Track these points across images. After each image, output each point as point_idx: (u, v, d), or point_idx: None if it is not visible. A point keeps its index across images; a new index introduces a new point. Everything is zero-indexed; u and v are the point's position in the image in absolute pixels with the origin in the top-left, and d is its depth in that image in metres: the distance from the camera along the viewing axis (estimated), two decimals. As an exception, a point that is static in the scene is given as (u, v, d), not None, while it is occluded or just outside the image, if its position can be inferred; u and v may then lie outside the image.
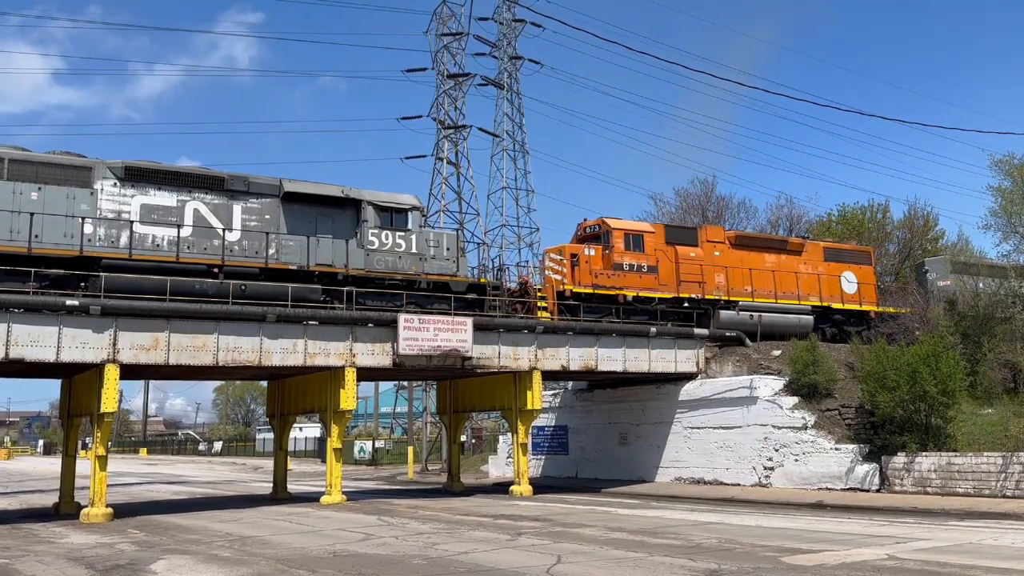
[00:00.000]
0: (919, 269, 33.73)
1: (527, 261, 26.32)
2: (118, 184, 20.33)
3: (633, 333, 25.40)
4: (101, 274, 19.23)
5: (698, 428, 25.47)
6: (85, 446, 48.34)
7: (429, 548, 12.92)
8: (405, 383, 44.07)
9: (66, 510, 20.92)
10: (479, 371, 23.74)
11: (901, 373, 20.60)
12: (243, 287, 20.57)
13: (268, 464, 38.51)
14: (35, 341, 18.11)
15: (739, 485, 23.58)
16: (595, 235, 27.01)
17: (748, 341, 27.19)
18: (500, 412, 28.03)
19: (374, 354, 21.85)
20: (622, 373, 25.65)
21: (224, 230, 21.00)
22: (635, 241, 26.76)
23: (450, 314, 22.75)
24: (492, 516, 18.08)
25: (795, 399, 23.44)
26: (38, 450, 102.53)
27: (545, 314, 24.58)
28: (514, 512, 18.94)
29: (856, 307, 30.25)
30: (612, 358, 25.05)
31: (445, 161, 48.01)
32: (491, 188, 50.57)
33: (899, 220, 45.77)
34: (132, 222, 20.07)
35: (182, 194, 20.93)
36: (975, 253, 33.29)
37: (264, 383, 33.95)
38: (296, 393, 25.24)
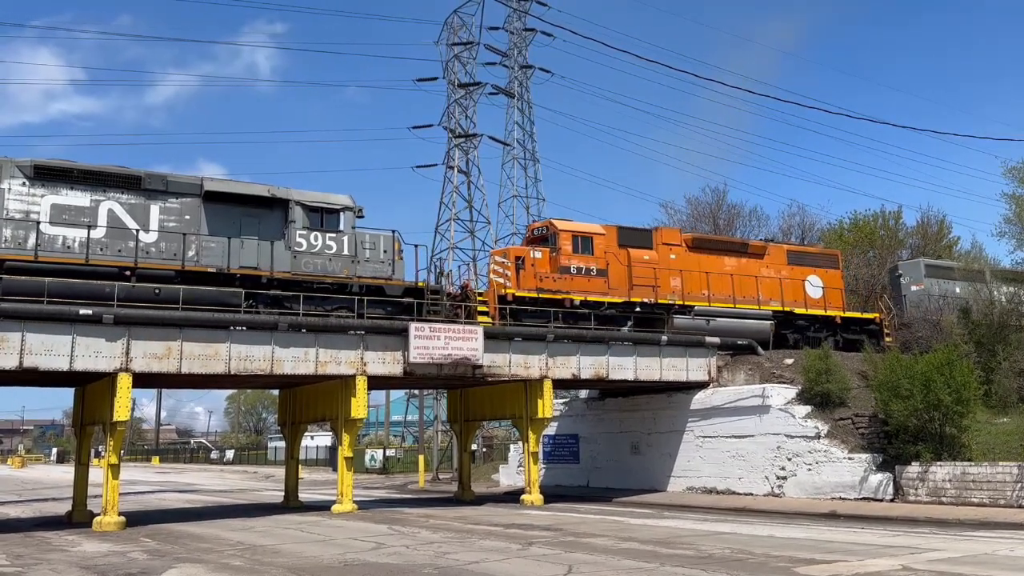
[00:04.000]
0: (892, 273, 33.07)
1: (468, 262, 25.39)
2: (27, 183, 19.48)
3: (644, 341, 25.31)
4: (2, 276, 18.40)
5: (710, 437, 25.34)
6: (98, 454, 48.57)
7: (440, 557, 12.89)
8: (416, 391, 44.07)
9: (79, 518, 20.99)
10: (490, 379, 23.70)
11: (915, 382, 20.45)
12: (156, 291, 19.69)
13: (279, 472, 38.56)
14: (49, 350, 18.22)
15: (751, 495, 23.43)
16: (543, 237, 26.25)
17: (760, 350, 27.03)
18: (511, 421, 27.89)
19: (385, 362, 21.86)
20: (633, 382, 25.53)
21: (139, 231, 20.16)
22: (583, 243, 25.94)
23: (460, 322, 22.76)
24: (503, 525, 18.04)
25: (808, 408, 23.29)
26: (51, 458, 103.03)
27: (485, 318, 23.76)
28: (525, 521, 18.88)
29: (820, 312, 29.26)
30: (623, 366, 24.97)
31: (456, 170, 48.15)
32: (502, 196, 50.75)
33: (912, 227, 45.57)
34: (39, 223, 19.23)
35: (96, 194, 20.06)
36: (946, 257, 33.01)
37: (275, 392, 34.00)
38: (307, 402, 25.28)
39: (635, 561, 12.16)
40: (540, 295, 24.70)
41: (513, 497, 25.89)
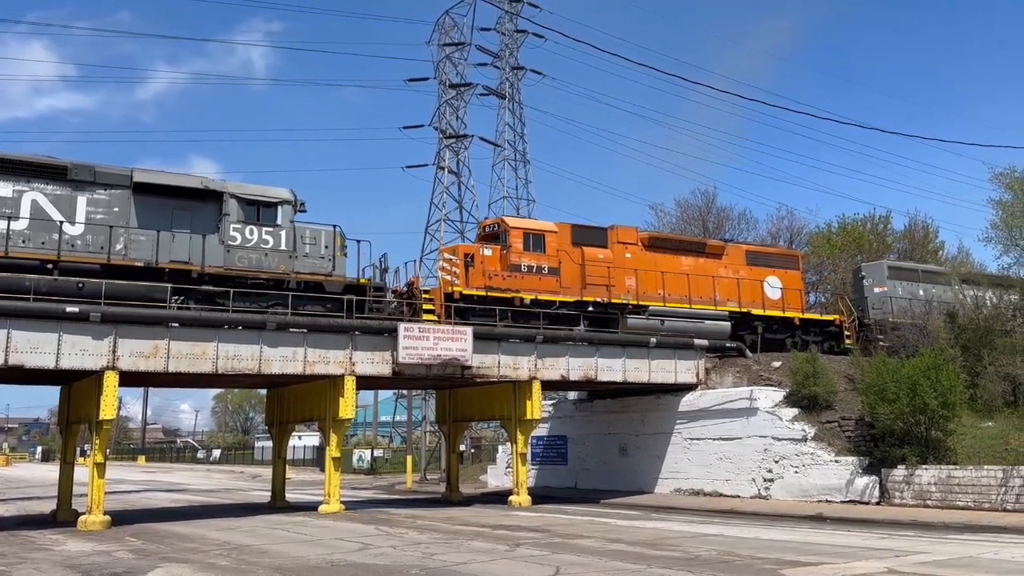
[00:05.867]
0: (856, 274, 32.86)
1: (415, 260, 24.55)
2: None
3: (633, 343, 25.35)
4: None
5: (698, 439, 25.41)
6: (83, 453, 48.23)
7: (427, 558, 12.87)
8: (404, 392, 44.02)
9: (63, 517, 20.85)
10: (479, 380, 23.69)
11: (901, 385, 20.56)
12: (80, 285, 19.03)
13: (266, 472, 38.42)
14: (35, 348, 18.08)
15: (739, 497, 23.51)
16: (494, 235, 25.83)
17: (748, 352, 27.11)
18: (499, 422, 27.90)
19: (373, 362, 21.82)
20: (622, 383, 25.57)
21: (64, 223, 19.43)
22: (535, 241, 25.51)
23: (449, 322, 22.73)
24: (491, 526, 18.02)
25: (795, 411, 23.39)
26: (36, 457, 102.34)
27: (431, 316, 23.31)
28: (513, 522, 18.87)
29: (779, 313, 28.99)
30: (612, 368, 25.00)
31: (446, 170, 48.12)
32: (492, 198, 50.68)
33: (899, 232, 45.87)
34: None
35: (19, 184, 19.36)
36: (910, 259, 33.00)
37: (263, 391, 33.86)
38: (295, 401, 25.20)
39: (622, 563, 12.17)
40: (489, 294, 24.18)
41: (501, 498, 25.88)
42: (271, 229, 21.57)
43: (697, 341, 26.44)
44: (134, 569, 12.24)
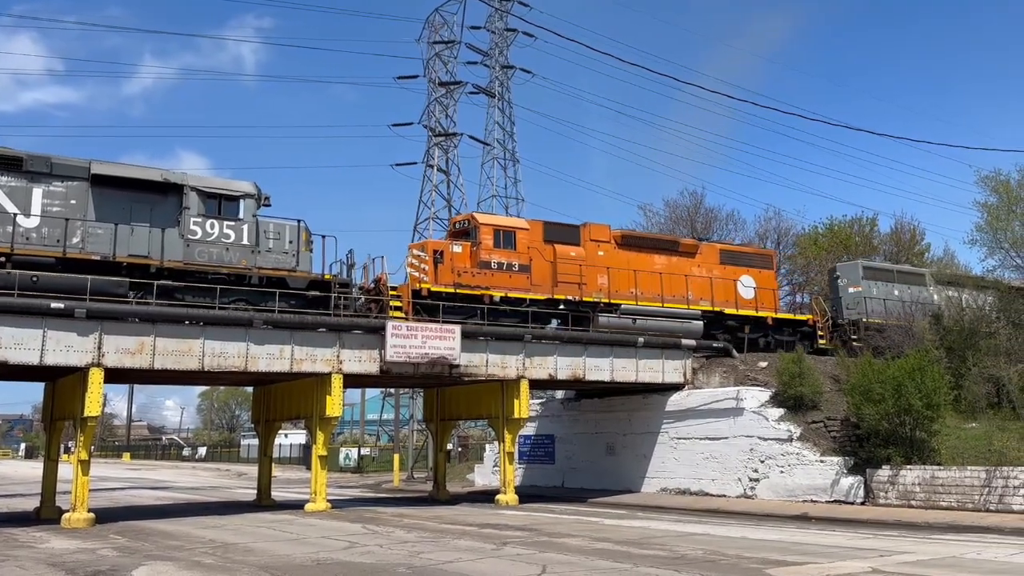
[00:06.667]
0: (831, 274, 32.90)
1: (382, 256, 23.92)
2: None
3: (621, 343, 25.40)
4: None
5: (684, 439, 25.49)
6: (68, 450, 47.94)
7: (414, 557, 12.86)
8: (392, 390, 43.98)
9: (47, 515, 20.71)
10: (466, 379, 23.67)
11: (886, 386, 20.69)
12: (34, 279, 18.57)
13: (252, 470, 38.27)
14: (19, 343, 17.94)
15: (725, 496, 23.60)
16: (464, 231, 25.53)
17: (735, 352, 27.21)
18: (487, 421, 27.88)
19: (361, 361, 21.76)
20: (609, 383, 25.61)
21: (18, 215, 19.01)
22: (506, 238, 25.16)
23: (438, 321, 22.71)
24: (477, 525, 18.02)
25: (781, 411, 23.50)
26: (20, 454, 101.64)
27: (399, 313, 22.96)
28: (500, 521, 18.88)
29: (752, 313, 28.83)
30: (600, 367, 25.04)
31: (435, 168, 48.09)
32: (481, 196, 50.70)
33: (886, 234, 46.19)
34: None
35: None
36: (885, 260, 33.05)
37: (249, 389, 33.72)
38: (282, 399, 25.11)
39: (609, 561, 12.20)
40: (458, 291, 23.87)
41: (488, 497, 25.89)
42: (233, 223, 21.13)
43: (684, 341, 26.51)
44: (118, 567, 12.17)
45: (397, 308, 23.14)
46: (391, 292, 23.40)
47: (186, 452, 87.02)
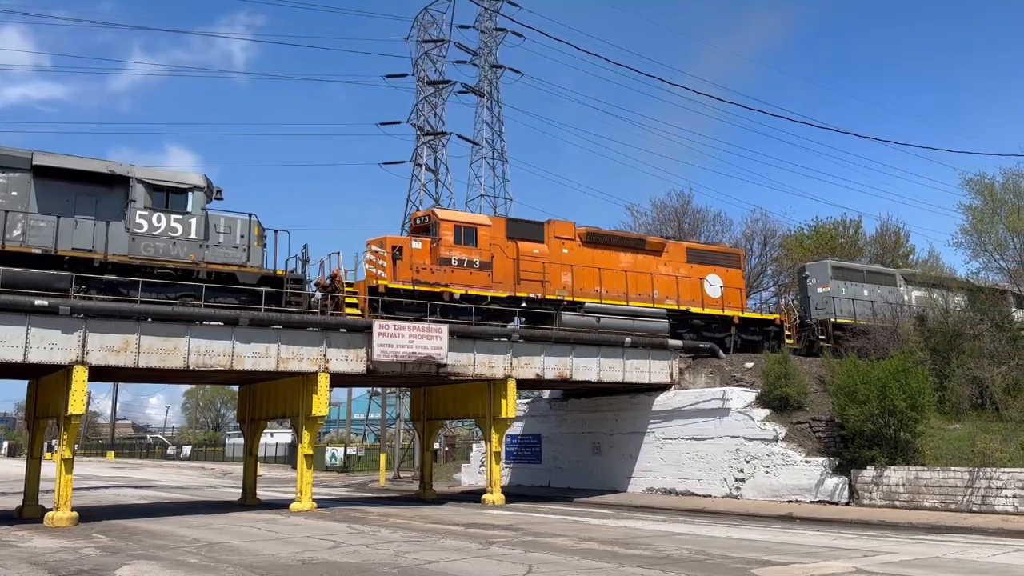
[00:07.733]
0: (800, 274, 32.90)
1: (338, 252, 23.48)
2: None
3: (608, 343, 25.45)
4: None
5: (671, 439, 25.56)
6: (51, 448, 47.58)
7: (399, 556, 12.84)
8: (379, 389, 43.88)
9: (30, 514, 20.54)
10: (454, 379, 23.65)
11: (871, 387, 20.82)
12: None
13: (238, 469, 38.11)
14: (2, 341, 17.78)
15: (710, 496, 23.68)
16: (425, 227, 25.27)
17: (721, 353, 27.31)
18: (474, 420, 27.86)
19: (348, 360, 21.70)
20: (596, 383, 25.66)
21: None
22: (467, 235, 24.83)
23: (425, 321, 22.67)
24: (464, 525, 18.01)
25: (766, 411, 23.60)
26: (2, 452, 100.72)
27: (354, 310, 22.66)
28: (486, 521, 18.88)
29: (718, 312, 28.71)
30: (587, 367, 25.08)
31: (424, 167, 47.98)
32: (469, 196, 50.62)
33: (871, 236, 46.49)
34: None
35: None
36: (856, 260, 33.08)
37: (235, 387, 33.54)
38: (267, 398, 25.01)
39: (595, 561, 12.22)
40: (416, 287, 23.58)
41: (474, 496, 25.88)
42: (181, 216, 20.68)
43: (671, 342, 26.60)
44: (102, 566, 12.09)
45: (352, 304, 22.81)
46: (348, 288, 23.07)
47: (171, 451, 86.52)
